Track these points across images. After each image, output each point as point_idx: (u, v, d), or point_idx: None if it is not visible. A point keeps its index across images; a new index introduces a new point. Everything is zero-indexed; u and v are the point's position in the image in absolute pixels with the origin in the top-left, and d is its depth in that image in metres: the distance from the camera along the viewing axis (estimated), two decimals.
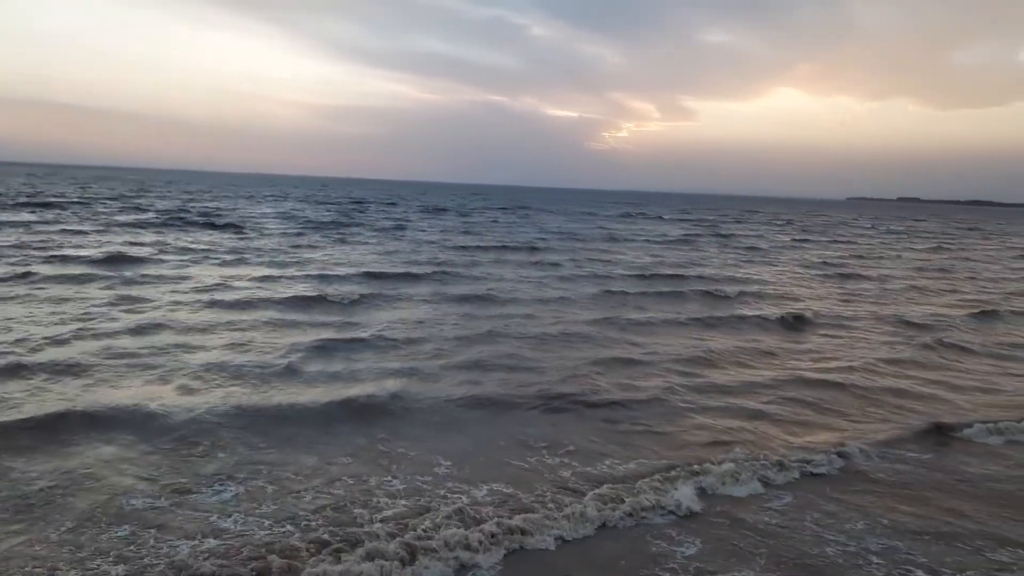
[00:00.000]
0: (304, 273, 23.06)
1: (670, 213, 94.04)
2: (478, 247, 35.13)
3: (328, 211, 60.81)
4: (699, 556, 6.67)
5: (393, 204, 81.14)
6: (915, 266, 36.53)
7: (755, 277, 28.42)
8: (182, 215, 45.63)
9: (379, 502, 7.40)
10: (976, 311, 21.54)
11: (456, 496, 7.61)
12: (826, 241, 53.05)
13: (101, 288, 18.65)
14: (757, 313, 19.73)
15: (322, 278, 22.20)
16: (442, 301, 19.36)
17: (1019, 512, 7.84)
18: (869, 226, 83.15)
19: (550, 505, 7.41)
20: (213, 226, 39.25)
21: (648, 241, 44.98)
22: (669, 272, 27.96)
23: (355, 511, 7.18)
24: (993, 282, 31.00)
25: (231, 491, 7.53)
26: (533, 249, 35.34)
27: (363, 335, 14.68)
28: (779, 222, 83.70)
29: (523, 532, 6.81)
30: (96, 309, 15.88)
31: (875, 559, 6.73)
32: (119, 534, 6.54)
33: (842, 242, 53.25)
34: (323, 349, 13.43)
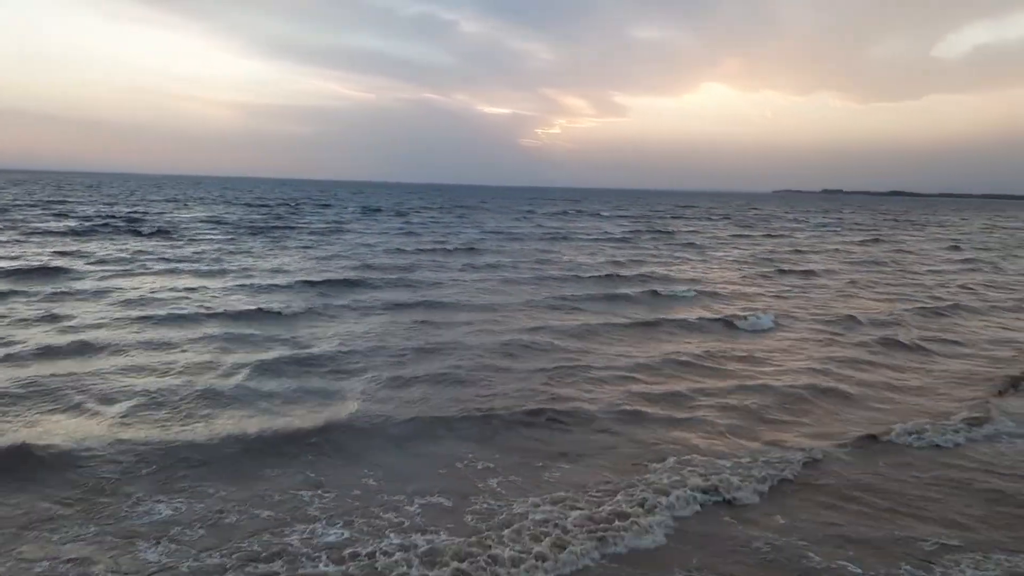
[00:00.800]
0: (239, 283, 22.07)
1: (608, 210, 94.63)
2: (418, 250, 34.44)
3: (261, 214, 59.20)
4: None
5: (328, 205, 79.64)
6: (856, 260, 37.26)
7: (700, 275, 28.47)
8: (107, 221, 43.68)
9: (315, 529, 7.10)
10: (923, 307, 21.86)
11: (393, 522, 7.28)
12: (762, 236, 53.95)
13: (21, 304, 17.45)
14: (704, 315, 19.59)
15: (259, 288, 21.28)
16: (384, 310, 18.66)
17: (939, 517, 7.81)
18: (802, 219, 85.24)
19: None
20: (141, 233, 37.62)
21: (590, 240, 44.88)
22: (613, 272, 27.77)
23: (289, 540, 6.83)
24: (934, 274, 31.81)
25: (153, 531, 6.91)
26: (474, 250, 34.85)
27: (304, 352, 13.89)
28: (715, 217, 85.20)
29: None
30: (7, 331, 14.76)
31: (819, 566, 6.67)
32: None
33: (780, 236, 54.29)
34: (261, 368, 12.62)
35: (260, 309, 17.78)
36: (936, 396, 12.69)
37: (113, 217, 47.31)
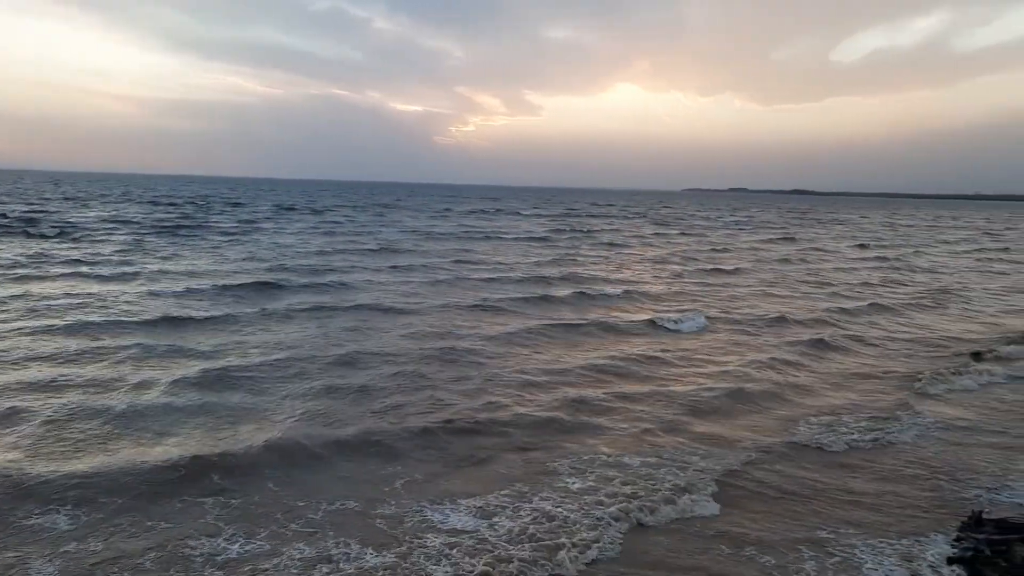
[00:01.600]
0: (149, 288, 20.76)
1: (526, 209, 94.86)
2: (337, 250, 33.50)
3: (169, 212, 56.53)
4: None
5: (239, 203, 76.73)
6: (773, 258, 38.31)
7: (626, 276, 28.63)
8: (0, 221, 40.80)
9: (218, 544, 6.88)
10: (843, 307, 22.38)
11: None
12: (679, 234, 55.02)
13: None
14: (634, 317, 19.61)
15: (171, 293, 20.09)
16: (304, 316, 17.85)
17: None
18: (715, 217, 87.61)
19: None
20: (38, 234, 35.19)
21: (512, 240, 44.67)
22: (538, 274, 27.58)
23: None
24: (847, 272, 32.98)
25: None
26: (395, 251, 34.15)
27: (220, 364, 12.99)
28: (631, 215, 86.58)
29: None
30: None
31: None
32: None
33: (697, 235, 55.48)
34: (174, 384, 11.73)
35: (173, 316, 16.79)
36: (859, 394, 12.98)
37: (5, 216, 44.24)
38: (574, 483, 8.61)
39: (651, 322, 18.61)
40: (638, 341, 16.84)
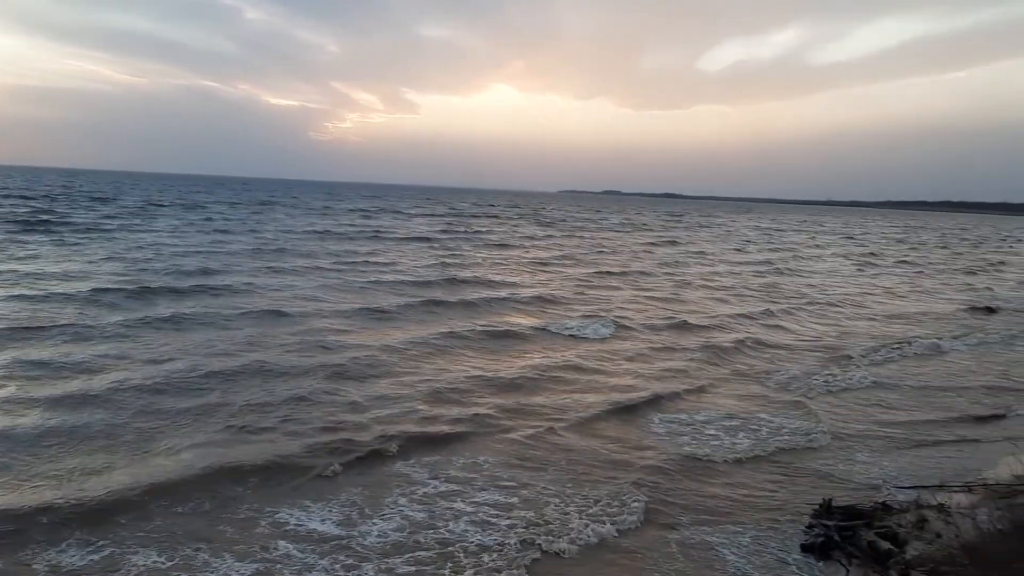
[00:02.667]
0: (8, 292, 18.87)
1: (408, 207, 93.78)
2: (219, 251, 31.59)
3: (27, 207, 51.34)
4: None
5: (105, 199, 71.10)
6: (664, 262, 39.43)
7: (521, 280, 28.50)
8: None
9: None
10: (742, 313, 23.02)
11: None
12: (564, 236, 55.70)
13: None
14: (534, 323, 19.45)
15: (29, 299, 18.20)
16: (186, 326, 16.54)
17: None
18: (596, 219, 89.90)
19: None
20: None
21: (398, 240, 43.80)
22: (430, 277, 26.96)
23: None
24: (734, 276, 34.45)
25: None
26: (278, 251, 32.65)
27: (86, 386, 11.63)
28: (515, 216, 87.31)
29: None
30: None
31: None
32: None
33: (582, 236, 56.64)
34: (32, 407, 10.51)
35: (36, 327, 15.15)
36: (759, 401, 13.49)
37: None
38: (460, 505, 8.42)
39: (550, 330, 18.53)
40: (537, 347, 16.80)
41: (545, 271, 32.32)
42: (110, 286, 20.54)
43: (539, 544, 7.63)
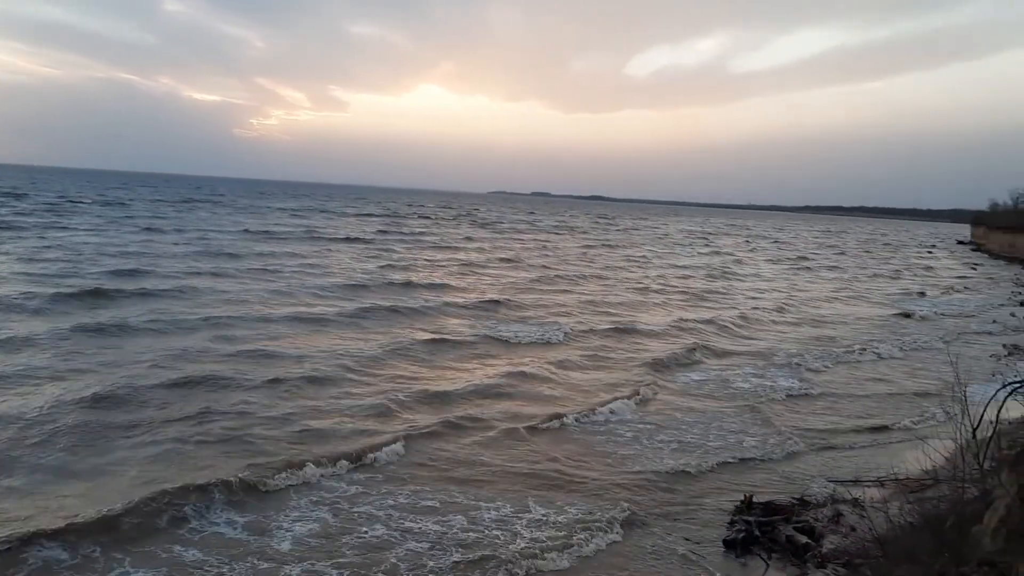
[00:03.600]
0: None
1: (339, 206, 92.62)
2: (147, 252, 30.24)
3: None
4: None
5: (18, 195, 67.00)
6: (611, 265, 40.16)
7: (464, 284, 28.34)
8: None
9: None
10: (690, 316, 23.61)
11: None
12: (507, 239, 55.89)
13: None
14: (479, 329, 19.14)
15: None
16: (115, 334, 15.50)
17: None
18: (534, 221, 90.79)
19: None
20: None
21: (333, 240, 43.00)
22: (372, 281, 26.43)
23: None
24: (683, 279, 35.40)
25: None
26: (213, 254, 31.13)
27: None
28: (450, 217, 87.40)
29: None
30: None
31: None
32: None
33: (523, 238, 57.04)
34: None
35: None
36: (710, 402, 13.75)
37: None
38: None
39: (497, 337, 18.22)
40: (479, 353, 16.64)
41: (486, 274, 32.17)
42: (33, 289, 19.43)
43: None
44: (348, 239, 44.75)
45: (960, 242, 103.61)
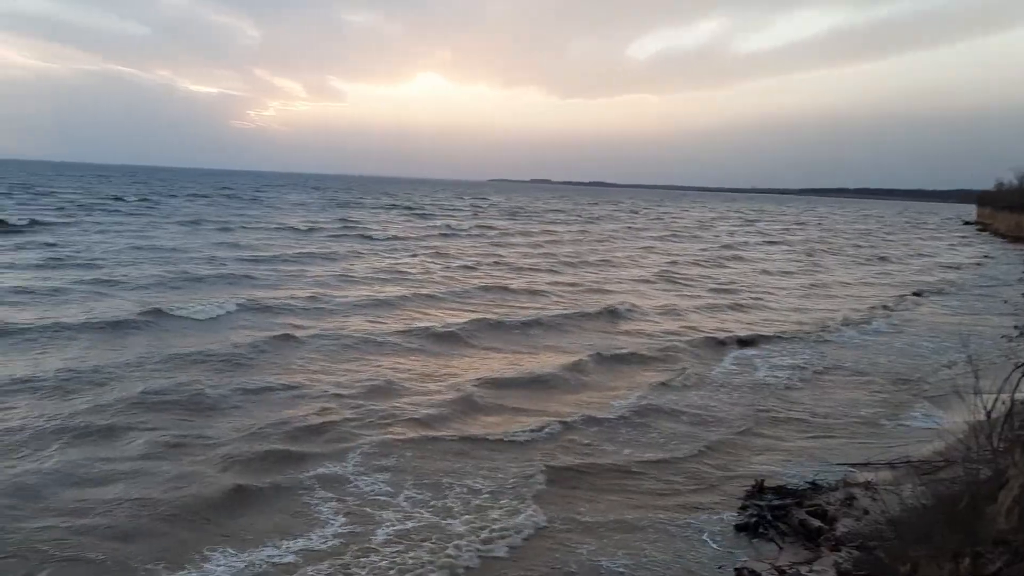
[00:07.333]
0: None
1: (353, 198, 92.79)
2: (136, 247, 30.02)
3: None
4: None
5: (44, 193, 66.76)
6: (626, 255, 39.86)
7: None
8: None
9: None
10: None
11: None
12: (542, 231, 54.48)
13: None
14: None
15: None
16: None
17: None
18: (566, 209, 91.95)
19: None
20: None
21: (376, 241, 40.63)
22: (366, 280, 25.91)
23: None
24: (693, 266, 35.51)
25: None
26: (247, 277, 28.33)
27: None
28: (461, 206, 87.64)
29: None
30: None
31: None
32: None
33: (571, 233, 54.74)
34: None
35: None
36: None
37: None
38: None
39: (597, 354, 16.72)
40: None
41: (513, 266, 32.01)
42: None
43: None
44: (420, 237, 43.92)
45: (966, 222, 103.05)
